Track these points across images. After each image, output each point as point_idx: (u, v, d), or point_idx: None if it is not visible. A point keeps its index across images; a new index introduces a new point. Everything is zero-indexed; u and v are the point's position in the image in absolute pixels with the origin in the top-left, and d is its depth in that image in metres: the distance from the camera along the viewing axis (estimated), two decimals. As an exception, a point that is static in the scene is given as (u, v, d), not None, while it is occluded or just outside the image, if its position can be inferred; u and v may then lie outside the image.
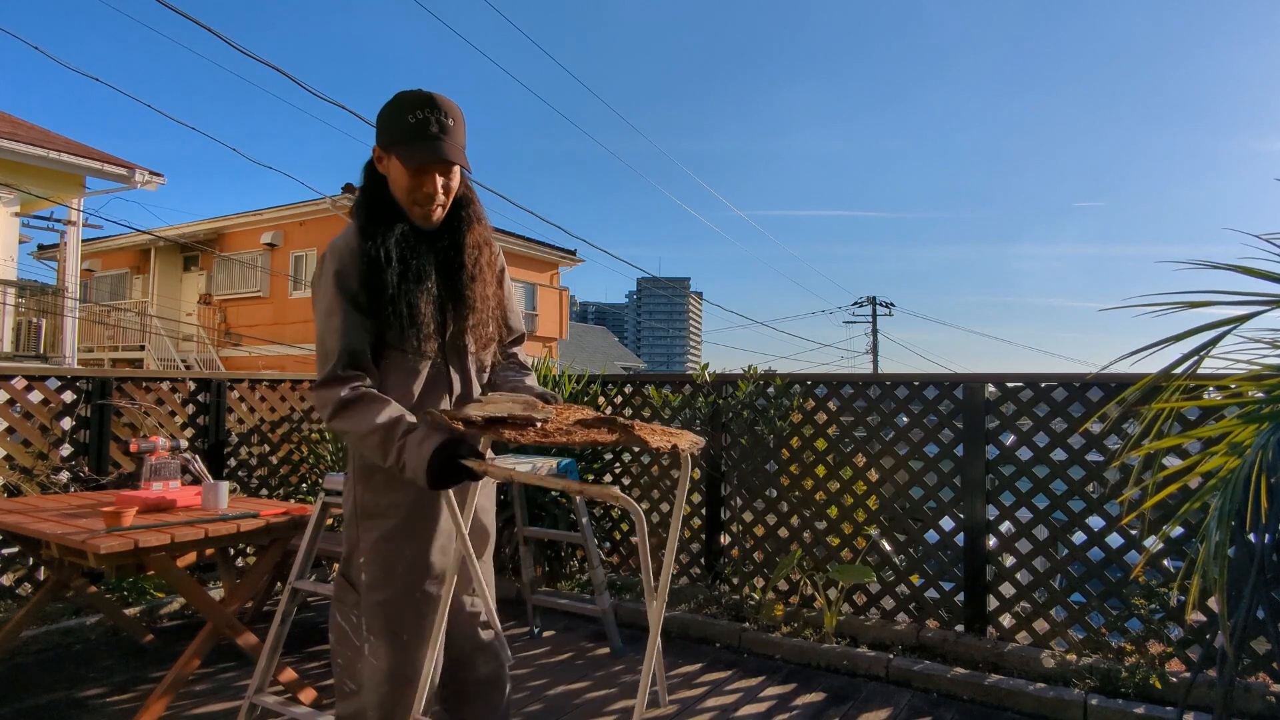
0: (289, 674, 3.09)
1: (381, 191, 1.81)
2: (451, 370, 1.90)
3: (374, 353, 1.80)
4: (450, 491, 1.76)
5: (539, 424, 1.60)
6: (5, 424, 4.03)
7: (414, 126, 1.72)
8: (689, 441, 1.63)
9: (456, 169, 1.80)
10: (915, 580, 4.03)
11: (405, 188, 1.77)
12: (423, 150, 1.72)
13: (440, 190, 1.78)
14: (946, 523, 4.00)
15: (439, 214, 1.82)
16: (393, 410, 1.69)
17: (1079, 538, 3.66)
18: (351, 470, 1.87)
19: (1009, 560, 3.94)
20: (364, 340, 1.76)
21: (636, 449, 4.97)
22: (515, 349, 2.10)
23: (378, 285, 1.73)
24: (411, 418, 1.70)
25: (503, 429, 1.56)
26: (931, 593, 4.00)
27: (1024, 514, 3.86)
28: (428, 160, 1.72)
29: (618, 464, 5.00)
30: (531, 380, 2.04)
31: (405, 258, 1.76)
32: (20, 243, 12.26)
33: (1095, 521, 3.63)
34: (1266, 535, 2.43)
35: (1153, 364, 2.32)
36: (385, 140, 1.76)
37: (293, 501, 4.92)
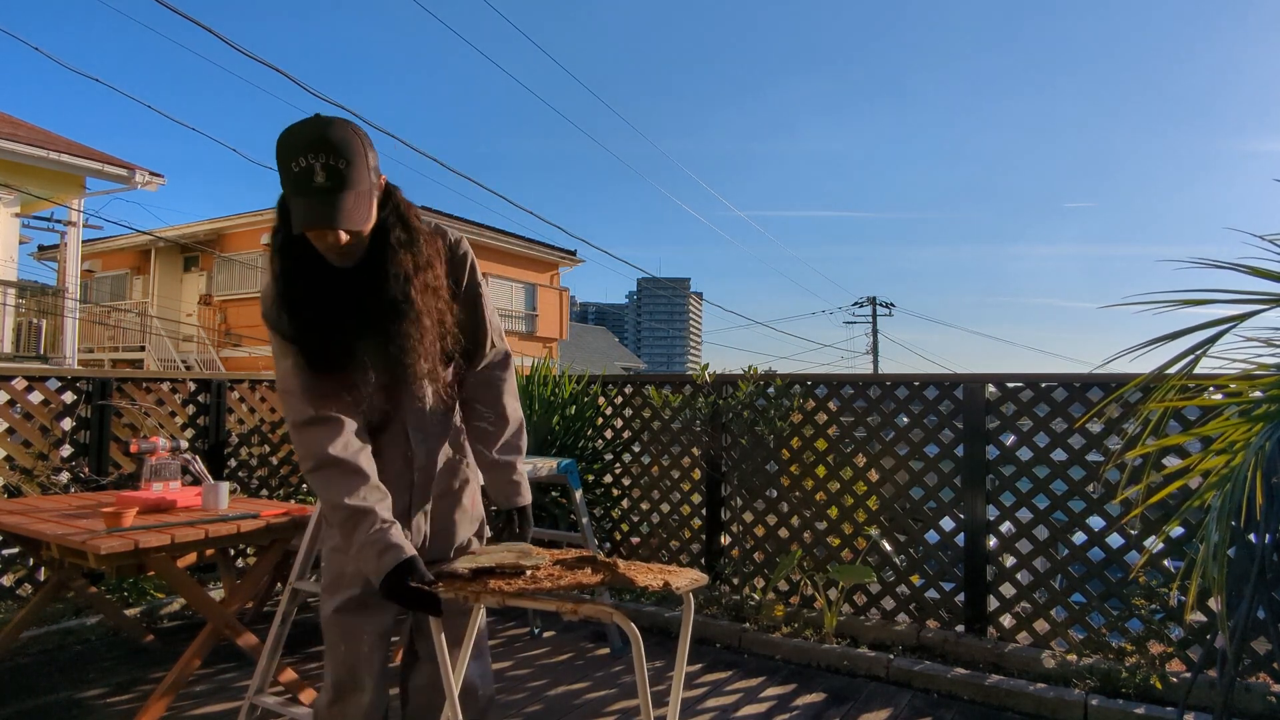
0: (289, 674, 3.08)
1: (290, 230, 1.56)
2: (404, 409, 1.78)
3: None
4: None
5: (528, 572, 1.61)
6: (5, 425, 4.03)
7: (298, 177, 1.45)
8: (689, 579, 1.56)
9: None
10: (915, 580, 4.03)
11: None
12: (303, 213, 1.47)
13: (339, 244, 1.54)
14: (947, 523, 4.00)
15: (355, 255, 1.61)
16: (365, 495, 1.60)
17: (1079, 538, 3.66)
18: None
19: (1009, 560, 3.94)
20: (319, 377, 1.64)
21: (636, 448, 4.96)
22: (501, 372, 1.93)
23: (298, 334, 1.61)
24: (382, 511, 1.60)
25: (490, 580, 1.58)
26: (932, 593, 4.00)
27: (1024, 514, 3.85)
28: (308, 228, 1.48)
29: (618, 464, 5.00)
30: (511, 430, 1.91)
31: (319, 304, 1.60)
32: (20, 243, 12.27)
33: (1095, 521, 3.62)
34: (1266, 535, 2.43)
35: (1152, 361, 2.32)
36: (281, 183, 1.53)
37: (293, 502, 4.92)
